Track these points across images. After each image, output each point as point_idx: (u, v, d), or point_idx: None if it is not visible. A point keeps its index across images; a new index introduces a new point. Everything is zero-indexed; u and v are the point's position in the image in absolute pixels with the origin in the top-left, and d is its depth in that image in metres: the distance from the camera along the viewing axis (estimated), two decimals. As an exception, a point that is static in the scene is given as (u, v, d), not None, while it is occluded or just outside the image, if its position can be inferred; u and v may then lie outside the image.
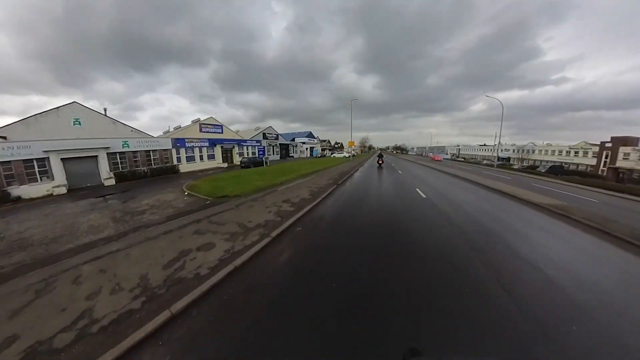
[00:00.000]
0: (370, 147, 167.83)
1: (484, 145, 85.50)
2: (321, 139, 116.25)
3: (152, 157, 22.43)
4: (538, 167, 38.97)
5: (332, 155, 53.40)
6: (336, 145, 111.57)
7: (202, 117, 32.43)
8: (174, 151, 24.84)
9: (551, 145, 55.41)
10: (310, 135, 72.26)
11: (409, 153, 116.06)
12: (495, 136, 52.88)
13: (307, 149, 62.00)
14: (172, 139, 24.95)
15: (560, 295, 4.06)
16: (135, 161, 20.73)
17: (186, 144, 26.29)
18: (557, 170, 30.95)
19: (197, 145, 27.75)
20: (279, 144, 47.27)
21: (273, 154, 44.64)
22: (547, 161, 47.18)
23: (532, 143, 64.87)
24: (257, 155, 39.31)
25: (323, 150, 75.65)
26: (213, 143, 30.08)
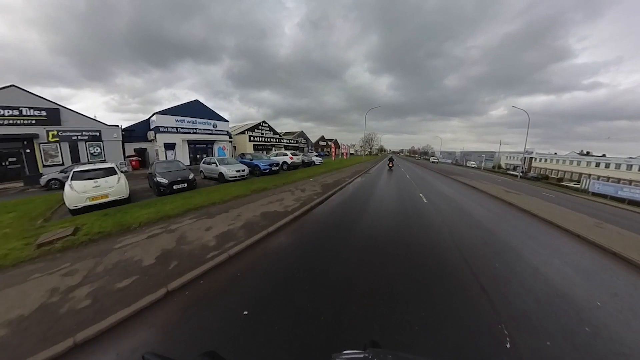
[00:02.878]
0: (381, 150, 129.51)
1: (588, 154, 44.11)
2: (327, 137, 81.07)
3: None
4: None
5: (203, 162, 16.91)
6: (321, 143, 76.08)
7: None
8: None
9: None
10: (206, 114, 28.33)
11: (431, 160, 76.05)
12: None
13: (166, 148, 23.57)
14: None
15: None
16: None
17: None
18: None
19: None
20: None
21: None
22: None
23: None
24: None
25: (288, 147, 40.11)
26: None
